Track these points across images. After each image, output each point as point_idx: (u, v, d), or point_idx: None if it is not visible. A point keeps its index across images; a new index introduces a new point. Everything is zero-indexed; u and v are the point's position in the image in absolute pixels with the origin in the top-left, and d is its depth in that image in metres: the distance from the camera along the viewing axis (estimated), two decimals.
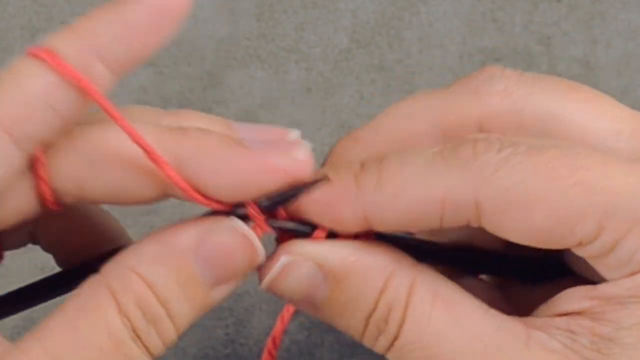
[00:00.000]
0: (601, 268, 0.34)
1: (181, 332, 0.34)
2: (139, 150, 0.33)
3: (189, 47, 0.64)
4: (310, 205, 0.34)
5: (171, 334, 0.34)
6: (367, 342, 0.35)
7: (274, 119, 0.63)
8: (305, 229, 0.35)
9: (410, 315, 0.33)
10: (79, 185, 0.34)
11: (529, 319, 0.35)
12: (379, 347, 0.35)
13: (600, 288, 0.34)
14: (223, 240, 0.34)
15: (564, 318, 0.34)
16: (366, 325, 0.34)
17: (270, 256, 0.35)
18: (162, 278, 0.33)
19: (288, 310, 0.56)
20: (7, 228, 0.34)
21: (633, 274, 0.33)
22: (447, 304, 0.34)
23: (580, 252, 0.33)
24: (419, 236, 0.38)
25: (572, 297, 0.34)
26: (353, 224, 0.34)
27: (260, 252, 0.35)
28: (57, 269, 0.41)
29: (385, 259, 0.34)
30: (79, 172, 0.33)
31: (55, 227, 0.40)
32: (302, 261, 0.35)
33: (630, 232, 0.32)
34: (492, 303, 0.35)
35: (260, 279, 0.36)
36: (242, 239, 0.34)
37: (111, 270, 0.33)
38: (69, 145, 0.34)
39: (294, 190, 0.34)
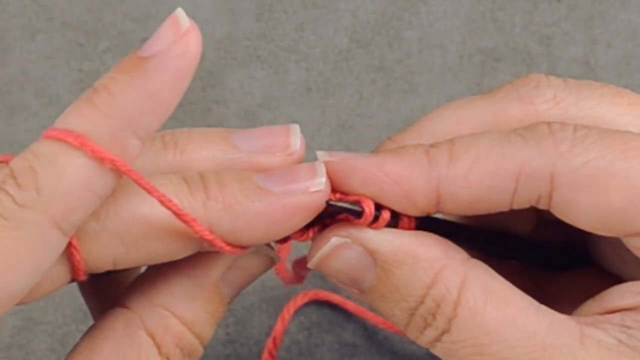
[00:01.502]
0: None
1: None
2: (166, 216, 0.33)
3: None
4: (381, 178, 0.34)
5: (201, 354, 0.35)
6: (411, 333, 0.35)
7: (274, 119, 0.63)
8: (356, 209, 0.35)
9: (462, 311, 0.33)
10: (114, 264, 0.34)
11: (580, 317, 0.34)
12: (424, 340, 0.34)
13: None
14: (248, 263, 0.35)
15: (618, 314, 0.33)
16: (411, 316, 0.34)
17: (321, 237, 0.35)
18: (197, 313, 0.34)
19: (288, 311, 0.56)
20: (37, 299, 0.34)
21: None
22: (499, 301, 0.33)
23: (632, 244, 0.33)
24: (455, 219, 0.38)
25: (625, 293, 0.34)
26: (424, 200, 0.34)
27: (275, 257, 0.36)
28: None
29: (438, 253, 0.34)
30: (112, 253, 0.33)
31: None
32: (354, 244, 0.34)
33: None
34: (521, 288, 0.35)
35: (309, 259, 0.36)
36: (263, 257, 0.35)
37: (144, 308, 0.34)
38: (98, 226, 0.33)
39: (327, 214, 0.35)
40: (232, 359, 0.58)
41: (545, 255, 0.40)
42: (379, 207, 0.34)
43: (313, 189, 0.34)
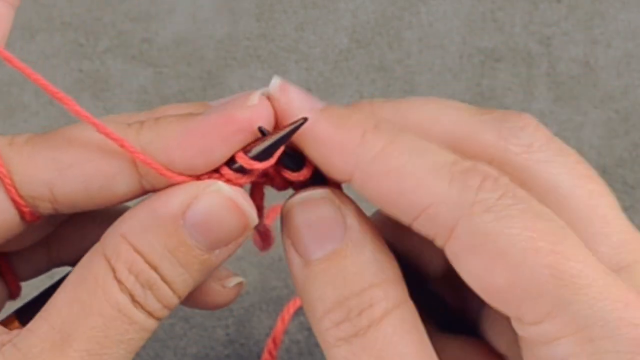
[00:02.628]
0: (529, 354, 0.33)
1: (184, 295, 0.35)
2: (104, 145, 0.33)
3: (189, 47, 0.64)
4: (313, 140, 0.34)
5: (171, 297, 0.34)
6: (325, 322, 0.34)
7: None
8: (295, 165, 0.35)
9: (386, 324, 0.33)
10: (50, 190, 0.34)
11: None
12: (334, 334, 0.34)
13: None
14: (208, 205, 0.34)
15: None
16: (338, 304, 0.34)
17: (308, 188, 0.36)
18: (150, 245, 0.33)
19: (288, 311, 0.56)
20: None
21: None
22: (420, 338, 0.34)
23: (516, 325, 0.33)
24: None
25: None
26: (338, 174, 0.34)
27: (249, 213, 0.35)
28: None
29: (393, 269, 0.34)
30: (46, 173, 0.34)
31: (70, 243, 0.40)
32: (337, 208, 0.35)
33: (573, 335, 0.32)
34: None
35: (285, 204, 0.36)
36: (227, 202, 0.34)
37: (106, 237, 0.34)
38: (34, 151, 0.34)
39: (278, 137, 0.34)
40: (232, 359, 0.58)
41: (438, 312, 0.40)
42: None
43: (247, 104, 0.34)
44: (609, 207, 0.36)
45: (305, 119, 0.34)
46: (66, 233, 0.40)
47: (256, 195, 0.37)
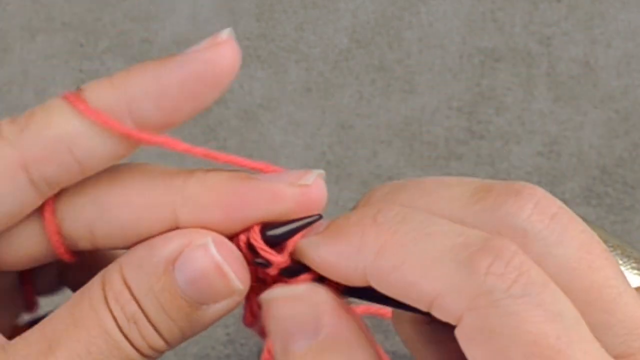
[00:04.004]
0: None
1: (172, 341, 0.34)
2: (147, 193, 0.33)
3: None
4: (315, 258, 0.34)
5: (155, 339, 0.34)
6: None
7: (274, 119, 0.63)
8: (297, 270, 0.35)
9: None
10: (90, 230, 0.34)
11: None
12: None
13: None
14: (195, 258, 0.34)
15: None
16: None
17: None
18: (137, 280, 0.33)
19: None
20: (14, 269, 0.35)
21: None
22: None
23: None
24: None
25: None
26: (352, 282, 0.34)
27: (234, 282, 0.35)
28: None
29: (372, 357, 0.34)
30: (88, 216, 0.33)
31: (83, 274, 0.40)
32: (311, 304, 0.34)
33: None
34: None
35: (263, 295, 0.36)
36: (211, 262, 0.34)
37: (110, 266, 0.34)
38: (77, 190, 0.34)
39: (289, 227, 0.34)
40: (232, 359, 0.58)
41: None
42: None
43: (300, 182, 0.34)
44: (616, 290, 0.35)
45: (320, 216, 0.34)
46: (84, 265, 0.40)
47: (251, 299, 0.37)
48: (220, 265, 0.34)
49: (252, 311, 0.38)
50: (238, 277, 0.35)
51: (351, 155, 0.63)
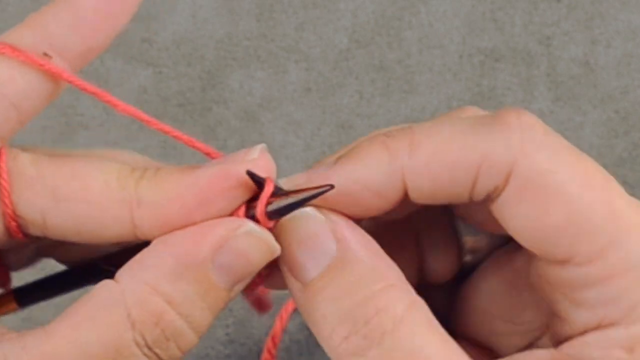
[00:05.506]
0: (572, 301, 0.33)
1: (202, 336, 0.34)
2: (105, 189, 0.33)
3: (189, 47, 0.64)
4: (349, 188, 0.33)
5: (192, 341, 0.34)
6: (333, 339, 0.33)
7: (274, 119, 0.63)
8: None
9: (402, 331, 0.32)
10: (43, 218, 0.34)
11: None
12: (344, 348, 0.33)
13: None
14: (240, 246, 0.33)
15: None
16: (343, 319, 0.33)
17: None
18: (182, 293, 0.33)
19: (286, 309, 0.56)
20: None
21: (600, 326, 0.32)
22: (439, 336, 0.33)
23: (561, 270, 0.33)
24: None
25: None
26: (394, 193, 0.33)
27: (277, 248, 0.34)
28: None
29: (394, 272, 0.34)
30: (43, 204, 0.33)
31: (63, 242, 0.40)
32: (326, 223, 0.34)
33: (625, 273, 0.31)
34: None
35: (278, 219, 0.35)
36: (259, 241, 0.34)
37: (129, 283, 0.33)
38: (36, 175, 0.34)
39: (299, 199, 0.34)
40: (232, 359, 0.58)
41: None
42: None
43: (247, 157, 0.33)
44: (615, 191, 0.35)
45: (332, 186, 0.33)
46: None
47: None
48: (265, 239, 0.34)
49: (257, 302, 0.38)
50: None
51: None
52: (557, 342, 0.34)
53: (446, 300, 0.39)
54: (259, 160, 0.33)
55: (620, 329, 0.32)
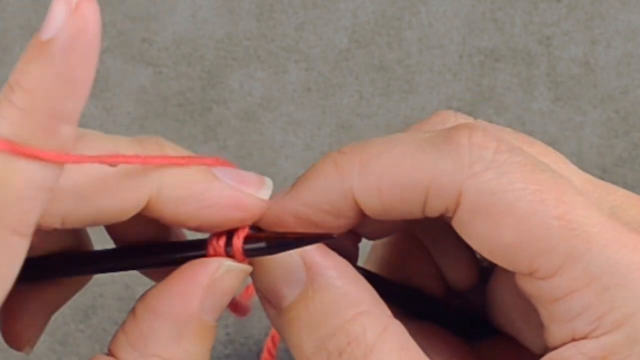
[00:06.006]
0: (547, 315, 0.33)
1: None
2: (124, 177, 0.33)
3: (189, 47, 0.64)
4: (304, 212, 0.34)
5: None
6: None
7: (274, 119, 0.63)
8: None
9: (375, 358, 0.32)
10: (62, 220, 0.33)
11: None
12: None
13: None
14: (224, 285, 0.34)
15: None
16: (318, 349, 0.33)
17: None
18: (187, 351, 0.33)
19: None
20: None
21: (574, 339, 0.32)
22: (416, 357, 0.32)
23: (527, 285, 0.32)
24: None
25: None
26: (348, 212, 0.33)
27: (250, 268, 0.35)
28: None
29: (366, 296, 0.33)
30: (64, 207, 0.33)
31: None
32: (294, 251, 0.34)
33: (587, 287, 0.31)
34: (454, 350, 0.35)
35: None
36: (238, 274, 0.34)
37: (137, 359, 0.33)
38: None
39: (296, 241, 0.34)
40: (232, 359, 0.58)
41: (459, 320, 0.39)
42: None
43: (259, 195, 0.34)
44: (563, 164, 0.35)
45: (333, 236, 0.33)
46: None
47: None
48: (246, 271, 0.34)
49: (235, 308, 0.38)
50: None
51: None
52: (545, 350, 0.34)
53: (479, 301, 0.39)
54: (266, 202, 0.34)
55: (592, 341, 0.32)
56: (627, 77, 0.64)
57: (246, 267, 0.34)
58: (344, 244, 0.35)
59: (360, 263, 0.37)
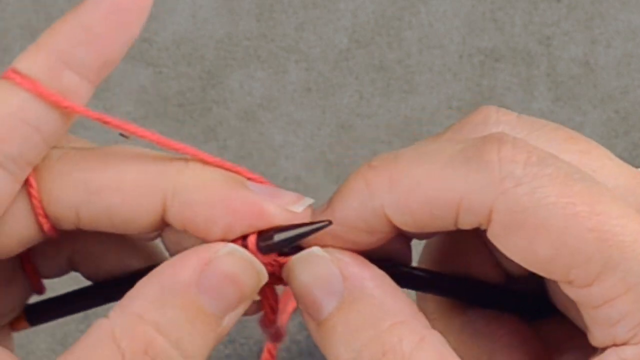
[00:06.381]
0: (589, 319, 0.33)
1: None
2: (139, 178, 0.33)
3: (189, 47, 0.64)
4: (340, 230, 0.33)
5: None
6: None
7: (274, 118, 0.63)
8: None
9: None
10: (76, 212, 0.33)
11: None
12: None
13: None
14: (224, 267, 0.33)
15: None
16: (355, 358, 0.33)
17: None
18: (169, 319, 0.33)
19: (283, 302, 0.56)
20: (10, 254, 0.34)
21: (615, 344, 0.32)
22: None
23: (567, 290, 0.33)
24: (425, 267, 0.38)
25: None
26: (382, 227, 0.33)
27: (263, 271, 0.34)
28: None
29: (403, 307, 0.33)
30: (75, 199, 0.33)
31: (92, 252, 0.40)
32: (331, 262, 0.34)
33: (625, 295, 0.31)
34: (520, 338, 0.35)
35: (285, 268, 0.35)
36: (242, 262, 0.34)
37: (117, 316, 0.33)
38: (65, 170, 0.33)
39: (294, 234, 0.34)
40: (232, 358, 0.58)
41: (521, 303, 0.39)
42: None
43: (290, 208, 0.34)
44: (606, 159, 0.35)
45: (330, 222, 0.33)
46: (87, 244, 0.39)
47: (268, 295, 0.37)
48: (249, 260, 0.34)
49: (270, 306, 0.38)
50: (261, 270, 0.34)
51: (351, 155, 0.63)
52: (589, 353, 0.34)
53: (538, 284, 0.39)
54: (299, 215, 0.34)
55: (632, 348, 0.32)
56: (627, 77, 0.64)
57: (252, 258, 0.34)
58: (395, 246, 0.35)
59: (414, 259, 0.37)
